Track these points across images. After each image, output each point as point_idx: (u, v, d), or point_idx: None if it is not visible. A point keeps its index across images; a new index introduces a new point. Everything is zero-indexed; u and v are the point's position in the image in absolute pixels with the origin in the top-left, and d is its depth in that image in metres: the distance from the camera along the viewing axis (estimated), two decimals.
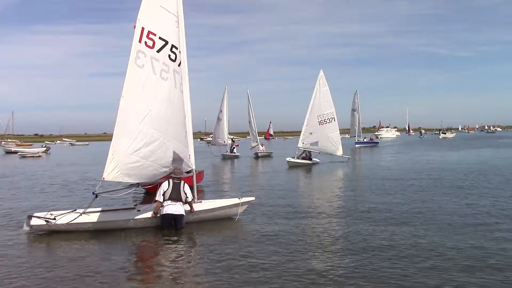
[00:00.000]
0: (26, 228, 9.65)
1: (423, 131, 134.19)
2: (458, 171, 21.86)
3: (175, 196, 9.83)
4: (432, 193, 14.83)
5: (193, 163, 11.10)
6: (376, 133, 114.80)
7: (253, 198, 11.74)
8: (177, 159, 10.42)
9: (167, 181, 9.98)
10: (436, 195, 14.34)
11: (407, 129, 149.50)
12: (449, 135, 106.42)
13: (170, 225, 9.85)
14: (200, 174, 11.68)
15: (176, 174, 10.14)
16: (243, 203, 11.03)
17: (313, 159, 29.09)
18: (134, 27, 15.86)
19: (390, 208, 12.20)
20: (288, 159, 27.98)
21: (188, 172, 11.09)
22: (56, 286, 6.59)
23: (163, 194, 9.82)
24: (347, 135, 69.71)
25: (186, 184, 10.14)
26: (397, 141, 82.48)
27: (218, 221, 10.74)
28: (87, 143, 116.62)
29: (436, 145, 59.74)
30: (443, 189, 15.75)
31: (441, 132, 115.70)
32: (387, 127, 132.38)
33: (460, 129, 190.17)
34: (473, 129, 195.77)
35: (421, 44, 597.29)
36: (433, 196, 14.14)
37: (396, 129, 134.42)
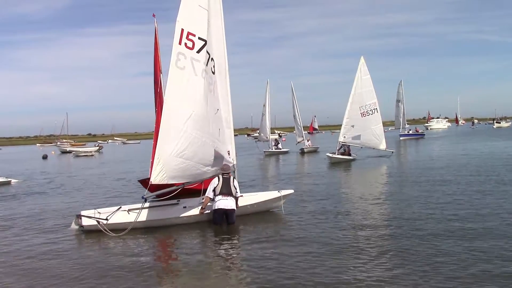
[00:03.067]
0: (75, 226, 9.94)
1: (475, 121, 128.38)
2: None
3: (226, 190, 9.96)
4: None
5: (235, 159, 11.27)
6: (426, 124, 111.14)
7: (292, 191, 11.83)
8: (218, 157, 10.57)
9: (217, 177, 10.18)
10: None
11: (455, 119, 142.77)
12: (504, 124, 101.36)
13: (222, 220, 9.93)
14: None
15: (225, 170, 10.34)
16: (283, 196, 11.19)
17: (352, 154, 27.47)
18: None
19: (445, 213, 10.68)
20: (329, 154, 26.63)
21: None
22: (109, 277, 6.91)
23: (214, 190, 9.99)
24: (393, 128, 67.97)
25: (235, 179, 10.34)
26: (447, 132, 78.85)
27: (263, 215, 10.95)
28: (138, 141, 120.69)
29: (493, 135, 55.77)
30: None
31: (495, 121, 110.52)
32: (437, 117, 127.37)
33: None
34: None
35: (469, 31, 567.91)
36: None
37: (447, 119, 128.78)
